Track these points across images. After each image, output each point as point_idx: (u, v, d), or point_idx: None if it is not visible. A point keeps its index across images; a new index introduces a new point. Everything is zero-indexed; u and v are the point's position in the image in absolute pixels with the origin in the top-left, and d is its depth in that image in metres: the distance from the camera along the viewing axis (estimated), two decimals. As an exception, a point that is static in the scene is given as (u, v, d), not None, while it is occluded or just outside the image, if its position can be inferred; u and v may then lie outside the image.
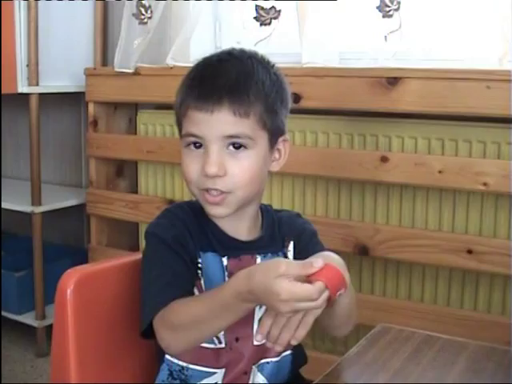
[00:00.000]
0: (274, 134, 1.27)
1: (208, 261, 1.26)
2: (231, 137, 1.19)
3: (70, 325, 1.26)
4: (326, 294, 1.04)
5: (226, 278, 1.25)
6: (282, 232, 1.35)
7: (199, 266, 1.25)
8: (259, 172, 1.24)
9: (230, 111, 1.18)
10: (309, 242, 1.37)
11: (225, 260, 1.26)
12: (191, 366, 1.27)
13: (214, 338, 1.25)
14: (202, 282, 1.25)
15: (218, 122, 1.19)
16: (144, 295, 1.24)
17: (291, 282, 1.02)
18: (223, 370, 1.27)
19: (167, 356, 1.28)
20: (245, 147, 1.21)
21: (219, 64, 1.23)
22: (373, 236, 2.14)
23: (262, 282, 1.04)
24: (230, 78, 1.20)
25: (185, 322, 1.16)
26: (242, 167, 1.21)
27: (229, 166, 1.20)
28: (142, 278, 1.27)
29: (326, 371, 1.13)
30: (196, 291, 1.24)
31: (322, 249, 1.36)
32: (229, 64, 1.23)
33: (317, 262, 1.05)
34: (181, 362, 1.27)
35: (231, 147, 1.20)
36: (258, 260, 1.29)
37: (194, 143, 1.21)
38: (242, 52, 1.27)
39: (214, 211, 1.24)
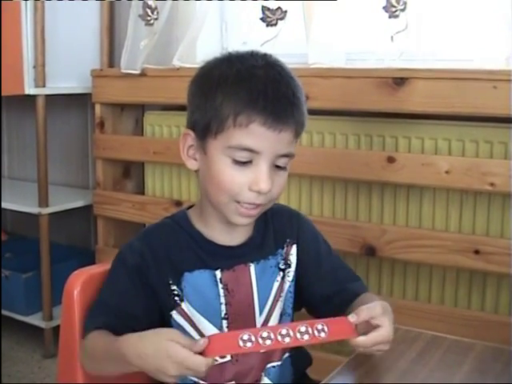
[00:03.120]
0: None
1: (196, 280, 1.25)
2: (283, 156, 1.20)
3: (77, 326, 1.26)
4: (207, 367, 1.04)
5: (221, 292, 1.26)
6: (278, 230, 1.34)
7: (175, 292, 1.25)
8: None
9: (292, 131, 1.19)
10: (314, 244, 1.37)
11: (218, 273, 1.26)
12: (202, 382, 1.27)
13: None
14: (185, 305, 1.25)
15: (280, 141, 1.17)
16: (90, 307, 1.27)
17: (184, 349, 1.04)
18: (232, 383, 1.28)
19: None
20: (284, 168, 1.22)
21: (281, 79, 1.19)
22: (380, 236, 2.14)
23: (154, 342, 1.07)
24: (296, 98, 1.19)
25: (91, 354, 1.21)
26: (280, 183, 1.22)
27: (273, 183, 1.20)
28: (102, 286, 1.29)
29: (333, 372, 1.13)
30: (180, 317, 1.26)
31: (328, 248, 1.38)
32: (289, 81, 1.21)
33: (204, 341, 1.05)
34: (193, 378, 1.27)
35: (274, 167, 1.20)
36: (252, 268, 1.28)
37: (242, 161, 1.17)
38: (283, 64, 1.24)
39: (242, 221, 1.23)
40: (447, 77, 1.99)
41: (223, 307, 1.26)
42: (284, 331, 1.05)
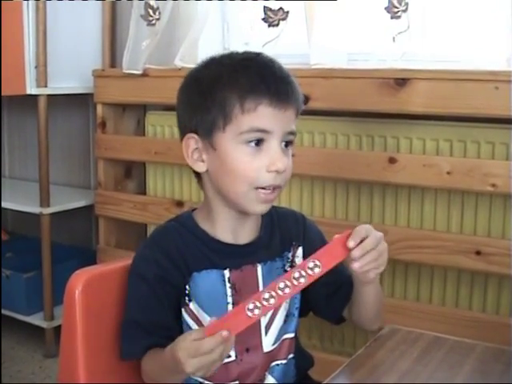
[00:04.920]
0: None
1: (203, 280, 1.26)
2: (289, 133, 1.23)
3: (78, 326, 1.26)
4: (231, 339, 1.06)
5: (228, 291, 1.27)
6: (284, 233, 1.36)
7: (186, 291, 1.26)
8: None
9: (294, 109, 1.23)
10: (317, 245, 1.37)
11: (227, 272, 1.27)
12: (206, 382, 1.28)
13: None
14: (193, 305, 1.26)
15: (286, 119, 1.22)
16: (124, 328, 1.28)
17: (188, 341, 1.07)
18: (236, 382, 1.28)
19: None
20: (291, 144, 1.25)
21: (272, 64, 1.25)
22: (381, 237, 2.14)
23: (172, 350, 1.10)
24: (290, 79, 1.24)
25: (149, 373, 1.24)
26: (289, 163, 1.25)
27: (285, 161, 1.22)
28: (125, 303, 1.30)
29: (334, 372, 1.13)
30: (187, 316, 1.27)
31: None
32: (279, 65, 1.26)
33: (210, 320, 1.09)
34: (198, 378, 1.28)
35: (283, 144, 1.23)
36: (259, 269, 1.29)
37: (257, 140, 1.20)
38: (269, 55, 1.29)
39: (262, 208, 1.25)
40: (449, 77, 1.99)
41: (230, 306, 1.26)
42: (282, 284, 1.09)
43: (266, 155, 1.20)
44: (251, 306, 1.07)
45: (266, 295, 1.08)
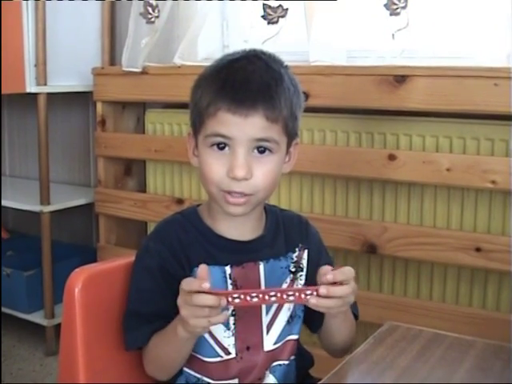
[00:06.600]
0: (291, 138, 1.28)
1: None
2: (260, 140, 1.20)
3: (78, 323, 1.26)
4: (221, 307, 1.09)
5: (230, 288, 1.26)
6: (288, 234, 1.35)
7: None
8: (279, 175, 1.26)
9: (263, 116, 1.19)
10: (319, 252, 1.38)
11: (228, 269, 1.27)
12: (205, 379, 1.29)
13: (221, 350, 1.27)
14: None
15: (250, 126, 1.18)
16: (126, 319, 1.29)
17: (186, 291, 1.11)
18: (236, 380, 1.28)
19: (185, 368, 1.29)
20: (270, 151, 1.22)
21: (251, 68, 1.22)
22: (381, 234, 2.14)
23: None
24: (263, 83, 1.20)
25: (154, 358, 1.26)
26: (265, 171, 1.22)
27: (254, 169, 1.20)
28: (128, 294, 1.31)
29: (333, 370, 1.13)
30: None
31: (330, 260, 1.38)
32: (260, 68, 1.22)
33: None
34: (197, 374, 1.29)
35: (256, 151, 1.21)
36: (261, 267, 1.29)
37: (219, 144, 1.20)
38: (268, 56, 1.26)
39: (233, 210, 1.23)
40: (448, 74, 1.99)
41: None
42: (272, 293, 1.09)
43: (228, 161, 1.20)
44: (235, 295, 1.09)
45: (253, 294, 1.09)
